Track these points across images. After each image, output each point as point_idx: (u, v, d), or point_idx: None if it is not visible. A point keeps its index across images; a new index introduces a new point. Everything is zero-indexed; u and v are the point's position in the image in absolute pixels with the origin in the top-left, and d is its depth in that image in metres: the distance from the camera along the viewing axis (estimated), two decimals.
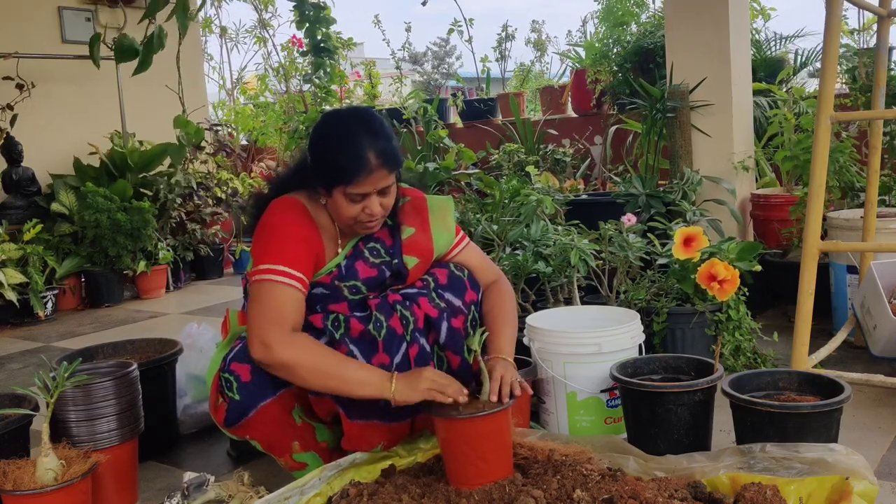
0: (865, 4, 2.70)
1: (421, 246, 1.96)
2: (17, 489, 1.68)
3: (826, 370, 2.32)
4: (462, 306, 1.92)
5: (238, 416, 1.81)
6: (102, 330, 4.24)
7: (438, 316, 1.88)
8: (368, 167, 1.73)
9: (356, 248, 1.91)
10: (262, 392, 1.79)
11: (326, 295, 1.87)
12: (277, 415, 1.82)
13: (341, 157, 1.75)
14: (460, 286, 1.94)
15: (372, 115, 1.85)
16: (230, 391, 1.79)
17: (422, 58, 14.29)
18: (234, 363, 1.80)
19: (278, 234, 1.82)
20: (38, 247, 4.54)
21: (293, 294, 1.77)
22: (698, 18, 3.65)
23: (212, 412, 1.89)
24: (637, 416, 2.01)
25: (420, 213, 1.99)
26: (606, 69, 5.00)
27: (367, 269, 1.90)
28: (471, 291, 1.96)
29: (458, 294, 1.93)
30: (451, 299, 1.91)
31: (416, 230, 1.96)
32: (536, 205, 2.85)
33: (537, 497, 1.56)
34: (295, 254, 1.80)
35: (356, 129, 1.78)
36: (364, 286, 1.89)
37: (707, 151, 3.71)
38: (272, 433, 1.84)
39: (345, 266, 1.88)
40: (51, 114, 5.31)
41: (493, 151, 5.56)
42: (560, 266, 2.74)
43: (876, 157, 2.79)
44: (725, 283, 2.43)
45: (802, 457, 1.63)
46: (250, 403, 1.79)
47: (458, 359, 1.91)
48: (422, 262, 1.96)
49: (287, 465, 1.91)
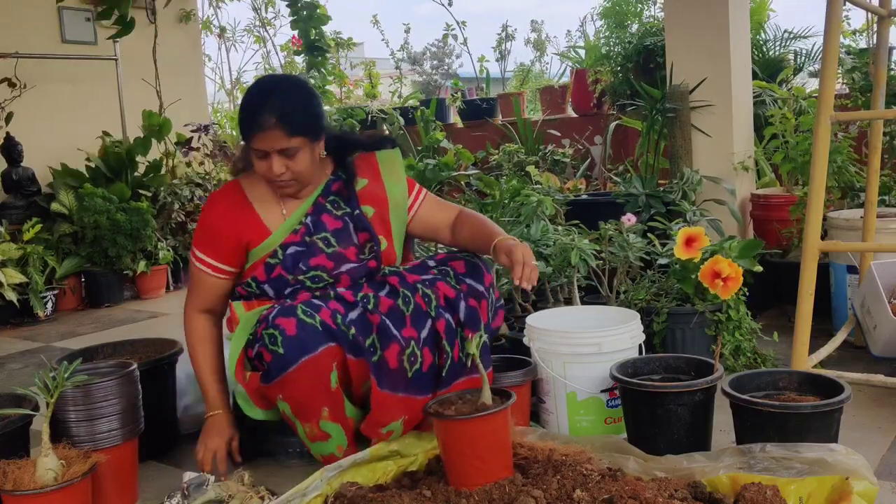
0: (865, 4, 2.70)
1: (375, 195, 2.11)
2: (17, 489, 1.68)
3: (826, 370, 2.32)
4: (484, 291, 2.02)
5: (280, 370, 1.85)
6: (102, 330, 4.24)
7: (456, 296, 1.97)
8: (261, 126, 1.89)
9: (316, 203, 2.08)
10: (307, 346, 1.84)
11: (303, 251, 2.03)
12: (317, 372, 1.86)
13: (244, 114, 1.94)
14: (480, 272, 2.04)
15: (287, 81, 2.10)
16: (274, 345, 1.84)
17: (421, 58, 14.28)
18: (279, 318, 1.86)
19: (203, 221, 2.09)
20: (38, 247, 4.54)
21: (206, 278, 2.07)
22: (698, 18, 3.65)
23: (240, 382, 1.97)
24: (637, 416, 2.01)
25: (371, 165, 2.15)
26: (607, 69, 5.00)
27: (333, 220, 2.07)
28: (488, 275, 2.06)
29: (480, 280, 2.03)
30: (472, 284, 2.01)
31: (369, 181, 2.12)
32: (536, 205, 2.85)
33: (537, 497, 1.57)
34: (210, 243, 2.05)
35: (260, 92, 1.96)
36: (333, 237, 2.05)
37: (707, 151, 3.71)
38: (306, 392, 1.87)
39: (311, 222, 2.05)
40: (51, 114, 5.31)
41: (493, 151, 5.56)
42: (560, 266, 2.74)
43: (876, 157, 2.79)
44: (729, 280, 2.43)
45: (802, 457, 1.63)
46: (294, 356, 1.84)
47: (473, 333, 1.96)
48: (378, 213, 2.10)
49: (311, 433, 1.92)
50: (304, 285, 2.03)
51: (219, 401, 2.09)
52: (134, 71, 5.47)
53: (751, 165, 3.80)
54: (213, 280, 2.08)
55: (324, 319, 1.88)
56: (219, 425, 2.06)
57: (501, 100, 6.25)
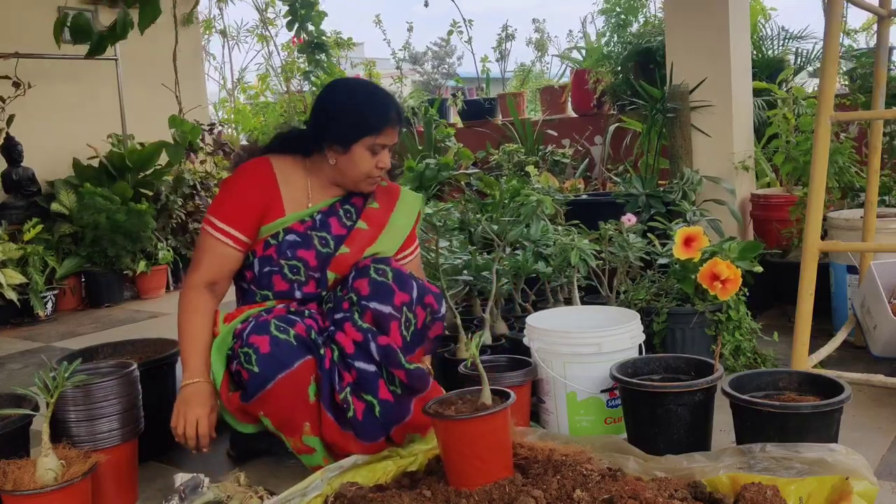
0: (865, 4, 2.70)
1: (377, 219, 2.14)
2: (17, 489, 1.68)
3: (826, 370, 2.32)
4: (393, 312, 1.92)
5: (257, 388, 1.84)
6: (102, 330, 4.24)
7: (364, 339, 1.89)
8: (393, 119, 2.01)
9: (332, 206, 2.12)
10: (282, 362, 1.84)
11: (298, 242, 2.05)
12: (295, 387, 1.85)
13: (374, 108, 2.01)
14: (386, 291, 1.94)
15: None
16: (249, 364, 1.84)
17: (422, 58, 14.28)
18: (252, 336, 1.86)
19: (227, 189, 2.08)
20: (38, 247, 4.54)
21: (221, 248, 2.02)
22: (698, 18, 3.65)
23: (224, 404, 1.93)
24: (637, 416, 2.01)
25: (391, 196, 2.20)
26: (607, 69, 5.00)
27: (339, 227, 2.10)
28: (400, 293, 1.94)
29: (386, 300, 1.92)
30: (377, 308, 1.92)
31: (381, 207, 2.17)
32: (536, 205, 2.85)
33: (537, 497, 1.57)
34: (236, 210, 2.03)
35: (380, 88, 2.13)
36: (333, 241, 2.08)
37: (707, 151, 3.71)
38: (287, 408, 1.86)
39: (319, 219, 2.09)
40: (51, 114, 5.31)
41: (493, 151, 5.56)
42: (560, 266, 2.74)
43: (876, 157, 2.79)
44: (728, 282, 2.43)
45: (802, 457, 1.63)
46: (270, 374, 1.83)
47: (402, 372, 1.90)
48: (369, 230, 2.11)
49: (296, 447, 1.92)
50: (282, 270, 2.04)
51: (201, 369, 1.96)
52: (134, 71, 5.47)
53: (751, 165, 3.80)
54: (230, 251, 2.03)
55: (298, 333, 1.89)
56: (200, 395, 1.93)
57: (502, 100, 6.25)
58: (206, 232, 2.03)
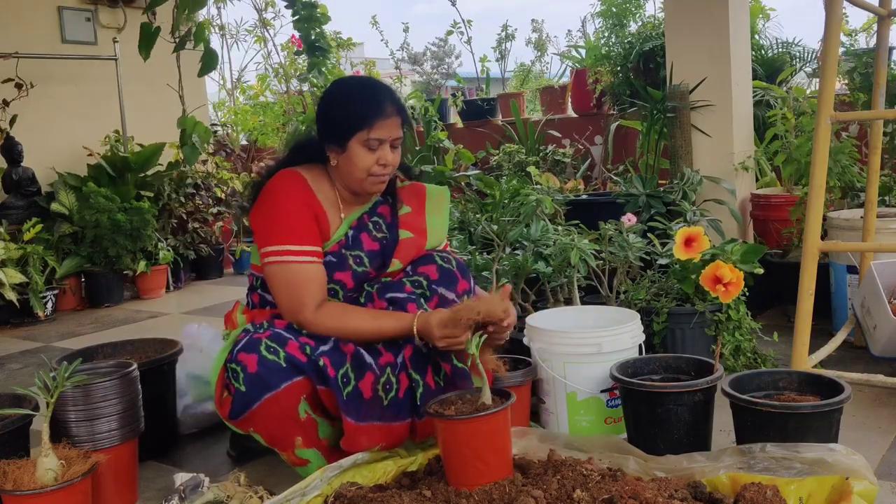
0: (865, 4, 2.70)
1: (415, 224, 2.08)
2: (17, 489, 1.68)
3: (826, 370, 2.32)
4: (456, 299, 1.97)
5: (243, 408, 1.81)
6: (102, 330, 4.24)
7: None
8: (386, 111, 1.92)
9: (360, 220, 2.03)
10: (268, 384, 1.79)
11: (334, 263, 1.96)
12: (282, 408, 1.81)
13: (363, 102, 1.92)
14: (452, 278, 1.99)
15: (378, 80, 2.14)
16: (236, 381, 1.80)
17: (421, 58, 14.29)
18: (241, 353, 1.81)
19: (282, 211, 1.92)
20: (38, 247, 4.54)
21: (310, 270, 1.89)
22: (698, 19, 3.65)
23: (217, 406, 1.90)
24: (637, 416, 2.01)
25: (419, 196, 2.14)
26: (607, 69, 5.00)
27: (370, 241, 2.02)
28: (463, 281, 2.00)
29: (451, 287, 1.98)
30: (444, 293, 1.96)
31: (413, 210, 2.10)
32: (536, 205, 2.85)
33: (537, 497, 1.57)
34: (302, 228, 1.91)
35: (373, 81, 2.07)
36: (367, 258, 2.00)
37: (707, 151, 3.71)
38: (275, 427, 1.84)
39: (351, 236, 2.00)
40: (51, 114, 5.31)
41: (494, 152, 5.55)
42: (560, 266, 2.74)
43: (876, 157, 2.79)
44: (730, 285, 2.42)
45: (802, 457, 1.63)
46: (255, 395, 1.79)
47: (448, 366, 1.92)
48: (415, 238, 2.05)
49: (290, 460, 1.90)
50: None
51: (406, 316, 1.86)
52: (134, 71, 5.47)
53: (751, 165, 3.80)
54: (318, 268, 1.91)
55: (290, 353, 1.80)
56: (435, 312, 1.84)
57: (502, 100, 6.24)
58: (284, 264, 1.87)
